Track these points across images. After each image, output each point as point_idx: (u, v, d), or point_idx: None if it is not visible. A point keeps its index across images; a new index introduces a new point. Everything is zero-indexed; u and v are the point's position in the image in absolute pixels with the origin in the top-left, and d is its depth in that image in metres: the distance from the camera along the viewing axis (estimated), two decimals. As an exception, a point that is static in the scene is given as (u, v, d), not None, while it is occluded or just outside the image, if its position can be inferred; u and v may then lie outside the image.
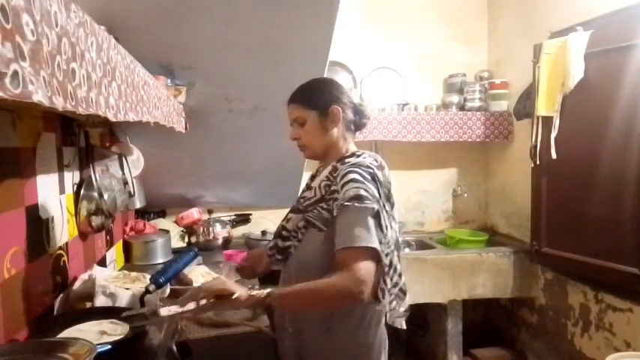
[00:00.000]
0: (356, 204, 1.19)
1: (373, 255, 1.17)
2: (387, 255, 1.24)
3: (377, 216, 1.20)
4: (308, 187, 1.44)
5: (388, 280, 1.26)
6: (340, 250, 1.18)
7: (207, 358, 1.39)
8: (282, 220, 1.43)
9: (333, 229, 1.23)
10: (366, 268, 1.14)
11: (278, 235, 1.42)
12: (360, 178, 1.23)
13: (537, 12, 2.78)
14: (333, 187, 1.29)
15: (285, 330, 1.38)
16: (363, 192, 1.20)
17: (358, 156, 1.35)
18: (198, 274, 1.95)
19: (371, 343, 1.33)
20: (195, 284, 1.88)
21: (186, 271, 1.77)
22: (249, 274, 1.64)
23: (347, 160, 1.32)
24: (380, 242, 1.19)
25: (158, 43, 1.69)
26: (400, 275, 1.34)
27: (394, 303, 1.32)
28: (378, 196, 1.23)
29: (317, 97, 1.39)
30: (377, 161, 1.35)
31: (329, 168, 1.37)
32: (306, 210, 1.34)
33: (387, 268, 1.25)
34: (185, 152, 2.41)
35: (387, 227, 1.24)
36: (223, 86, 2.03)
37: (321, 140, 1.39)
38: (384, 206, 1.27)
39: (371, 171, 1.27)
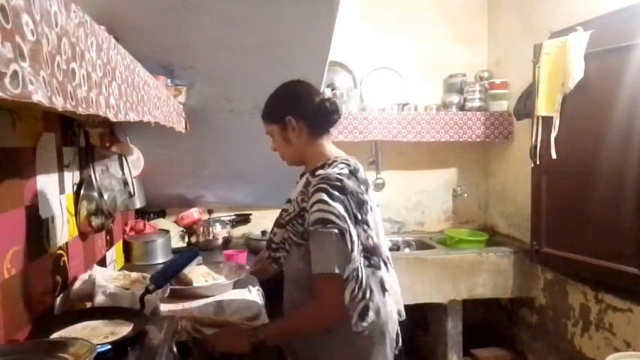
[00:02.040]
0: (319, 229, 1.24)
1: (337, 276, 1.24)
2: (352, 270, 1.28)
3: (342, 236, 1.24)
4: (289, 200, 1.46)
5: (347, 295, 1.28)
6: (313, 276, 1.26)
7: (207, 358, 1.39)
8: (270, 233, 1.52)
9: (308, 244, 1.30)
10: (332, 296, 1.25)
11: (268, 246, 1.50)
12: (326, 198, 1.25)
13: (537, 12, 2.78)
14: (304, 204, 1.32)
15: None
16: (327, 215, 1.24)
17: (330, 165, 1.35)
18: (198, 274, 1.95)
19: (367, 335, 1.34)
20: (196, 284, 1.88)
21: (186, 271, 1.77)
22: (262, 274, 1.79)
23: (317, 173, 1.34)
24: (347, 261, 1.26)
25: (158, 43, 1.68)
26: (365, 291, 1.31)
27: (355, 318, 1.30)
28: (345, 213, 1.25)
29: (273, 111, 1.42)
30: (350, 166, 1.36)
31: (304, 180, 1.40)
32: (288, 224, 1.39)
33: (349, 284, 1.28)
34: (185, 152, 2.41)
35: (353, 242, 1.27)
36: (223, 86, 2.03)
37: (290, 151, 1.43)
38: (356, 217, 1.30)
39: (338, 184, 1.27)
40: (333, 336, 1.33)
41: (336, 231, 1.23)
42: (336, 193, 1.26)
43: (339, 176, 1.29)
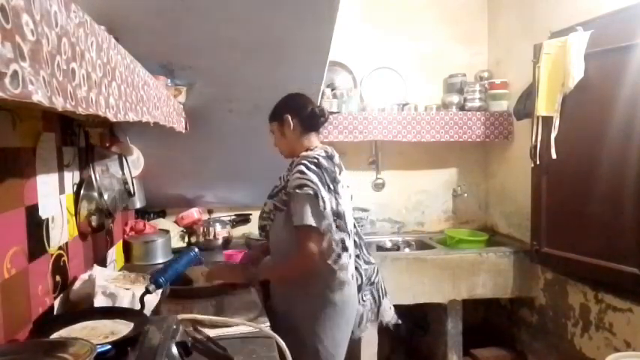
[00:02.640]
0: (297, 191, 1.60)
1: (314, 229, 1.59)
2: (328, 225, 1.61)
3: (315, 197, 1.58)
4: (279, 178, 1.82)
5: (325, 244, 1.61)
6: (295, 228, 1.62)
7: (207, 358, 1.39)
8: (263, 205, 1.86)
9: (289, 208, 1.66)
10: (310, 243, 1.59)
11: (260, 216, 1.88)
12: (304, 169, 1.61)
13: (537, 12, 2.78)
14: (288, 178, 1.69)
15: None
16: (303, 181, 1.59)
17: (310, 150, 1.72)
18: (199, 274, 1.95)
19: (335, 302, 1.70)
20: (196, 284, 1.88)
21: (186, 271, 1.77)
22: (256, 263, 2.06)
23: (301, 155, 1.71)
24: (322, 217, 1.59)
25: (158, 43, 1.68)
26: (338, 242, 1.65)
27: (335, 257, 1.65)
28: (318, 181, 1.60)
29: (275, 111, 1.79)
30: (327, 152, 1.73)
31: (290, 162, 1.78)
32: (275, 195, 1.77)
33: (326, 235, 1.62)
34: (185, 152, 2.41)
35: (325, 202, 1.60)
36: (223, 86, 2.03)
37: (285, 144, 1.80)
38: (329, 186, 1.64)
39: (315, 161, 1.64)
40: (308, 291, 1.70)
41: (310, 192, 1.58)
42: (313, 167, 1.62)
43: (317, 156, 1.66)
